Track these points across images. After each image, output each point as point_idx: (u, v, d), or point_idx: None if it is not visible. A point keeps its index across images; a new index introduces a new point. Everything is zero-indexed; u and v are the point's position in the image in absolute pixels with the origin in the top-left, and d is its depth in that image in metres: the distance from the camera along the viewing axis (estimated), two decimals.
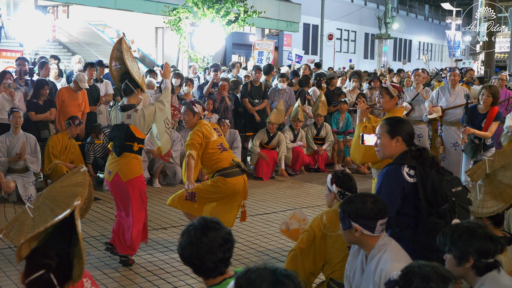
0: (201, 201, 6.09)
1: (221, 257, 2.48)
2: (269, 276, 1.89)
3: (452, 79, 9.17)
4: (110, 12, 24.85)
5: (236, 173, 6.07)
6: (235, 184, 6.05)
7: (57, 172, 8.43)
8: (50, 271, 2.42)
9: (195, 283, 5.27)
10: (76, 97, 9.33)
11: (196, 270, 2.53)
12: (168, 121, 5.88)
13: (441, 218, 3.40)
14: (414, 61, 51.09)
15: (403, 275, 2.43)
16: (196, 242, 2.46)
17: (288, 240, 6.57)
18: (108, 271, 5.58)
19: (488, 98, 7.39)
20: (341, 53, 41.16)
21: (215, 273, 2.51)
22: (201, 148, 5.99)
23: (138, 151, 5.70)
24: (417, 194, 3.47)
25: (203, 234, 2.47)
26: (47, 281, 2.42)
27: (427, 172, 3.49)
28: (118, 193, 5.70)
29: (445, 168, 3.67)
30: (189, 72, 13.19)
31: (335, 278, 4.01)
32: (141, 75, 5.82)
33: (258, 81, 10.95)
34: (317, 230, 4.03)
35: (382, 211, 3.13)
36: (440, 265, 2.47)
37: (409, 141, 3.73)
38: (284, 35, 33.25)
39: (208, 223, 2.50)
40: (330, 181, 4.18)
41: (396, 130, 3.72)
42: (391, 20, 42.19)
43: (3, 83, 8.55)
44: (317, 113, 10.90)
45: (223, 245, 2.48)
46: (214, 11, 17.64)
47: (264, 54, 17.48)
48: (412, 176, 3.53)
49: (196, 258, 2.47)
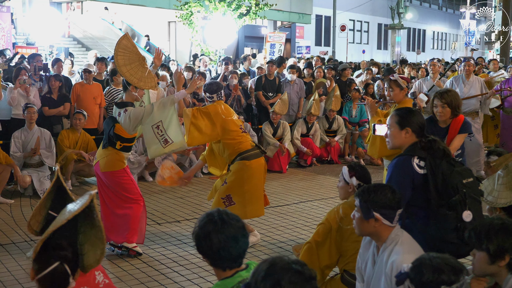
0: (238, 199, 5.91)
1: (244, 248, 2.50)
2: (285, 265, 1.92)
3: (466, 69, 9.09)
4: (123, 7, 24.97)
5: (258, 155, 5.99)
6: (259, 165, 5.95)
7: (68, 161, 8.58)
8: (65, 262, 2.43)
9: (208, 276, 5.30)
10: (90, 91, 9.44)
11: (215, 261, 2.52)
12: (160, 130, 5.65)
13: (451, 210, 3.39)
14: (428, 51, 50.71)
15: (414, 267, 2.42)
16: (222, 231, 2.45)
17: (302, 232, 6.61)
18: (121, 263, 5.63)
19: (444, 109, 5.34)
20: (354, 44, 40.96)
21: (235, 264, 2.52)
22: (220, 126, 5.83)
23: (123, 148, 5.77)
24: (427, 186, 3.46)
25: (228, 224, 2.47)
26: (62, 272, 2.41)
27: (437, 164, 3.48)
28: (98, 179, 5.93)
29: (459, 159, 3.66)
30: (200, 66, 13.23)
31: (349, 269, 4.02)
32: (147, 73, 5.74)
33: (272, 74, 10.94)
34: (333, 223, 4.02)
35: (400, 201, 3.13)
36: (451, 256, 2.45)
37: (419, 132, 3.72)
38: (296, 27, 33.16)
39: (228, 214, 2.51)
40: (348, 173, 4.14)
41: (406, 121, 3.72)
42: (404, 10, 41.90)
43: (18, 79, 8.64)
44: (330, 108, 10.84)
45: (245, 235, 2.51)
46: (225, 5, 17.65)
47: (276, 46, 17.46)
48: (422, 168, 3.52)
49: (220, 248, 2.45)
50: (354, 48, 39.23)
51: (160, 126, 5.65)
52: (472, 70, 9.21)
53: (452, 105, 5.35)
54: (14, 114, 8.80)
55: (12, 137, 8.27)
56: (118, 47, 5.65)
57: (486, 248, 2.75)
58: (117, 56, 5.63)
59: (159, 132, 5.65)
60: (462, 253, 3.49)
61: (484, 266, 2.78)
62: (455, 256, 2.77)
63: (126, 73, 5.65)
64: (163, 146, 5.68)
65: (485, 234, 2.76)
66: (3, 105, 8.79)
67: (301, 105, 11.15)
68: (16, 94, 8.62)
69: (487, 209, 3.83)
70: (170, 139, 5.66)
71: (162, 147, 5.70)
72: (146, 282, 5.20)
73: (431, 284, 2.33)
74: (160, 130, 5.65)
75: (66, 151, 8.58)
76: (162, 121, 5.65)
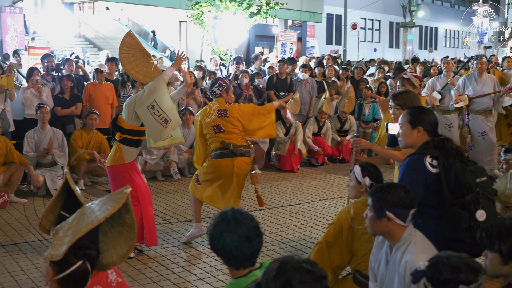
0: (203, 184, 6.16)
1: (257, 247, 2.50)
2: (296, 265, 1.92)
3: (479, 68, 9.03)
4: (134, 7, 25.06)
5: (224, 155, 5.99)
6: (220, 165, 5.99)
7: (80, 161, 8.64)
8: (88, 261, 2.42)
9: (221, 275, 5.31)
10: (102, 91, 9.49)
11: (228, 260, 2.52)
12: (157, 110, 5.53)
13: (464, 209, 3.37)
14: (441, 49, 50.43)
15: (431, 265, 2.38)
16: (235, 231, 2.46)
17: (313, 232, 6.60)
18: (133, 263, 5.65)
19: (398, 111, 4.84)
20: (365, 43, 40.83)
21: (248, 264, 2.52)
22: (197, 128, 6.18)
23: (123, 140, 5.72)
24: (440, 185, 3.44)
25: (241, 224, 2.47)
26: (84, 271, 2.41)
27: (450, 162, 3.46)
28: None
29: (473, 158, 3.64)
30: (211, 65, 13.25)
31: (361, 269, 4.00)
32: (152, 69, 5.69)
33: (284, 73, 10.93)
34: (344, 223, 4.01)
35: (413, 200, 3.11)
36: (468, 256, 2.43)
37: (432, 131, 3.69)
38: (307, 26, 33.10)
39: (242, 213, 2.52)
40: (361, 173, 4.13)
41: (418, 120, 3.69)
42: (416, 8, 41.65)
43: (31, 79, 8.71)
44: (343, 110, 10.79)
45: (259, 235, 2.51)
46: (236, 4, 17.66)
47: (287, 45, 17.44)
48: (435, 167, 3.50)
49: (233, 247, 2.45)
50: (365, 47, 39.09)
51: (155, 106, 5.51)
52: (484, 68, 9.15)
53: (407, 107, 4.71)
54: (27, 114, 8.88)
55: (25, 137, 8.33)
56: (122, 45, 5.64)
57: (498, 249, 2.72)
58: (121, 54, 5.63)
59: (156, 112, 5.51)
60: (476, 253, 3.46)
61: (497, 267, 2.75)
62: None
63: (131, 70, 5.65)
64: (164, 126, 5.56)
65: (497, 235, 2.73)
66: (16, 105, 8.87)
67: (312, 104, 11.13)
68: (29, 94, 8.69)
69: (500, 208, 3.81)
70: (168, 117, 5.54)
71: (164, 127, 5.57)
72: (159, 281, 5.21)
73: (449, 283, 2.30)
74: (157, 110, 5.50)
75: (78, 151, 8.63)
76: (155, 100, 5.51)
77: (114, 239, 2.59)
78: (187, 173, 9.77)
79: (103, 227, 2.57)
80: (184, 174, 9.72)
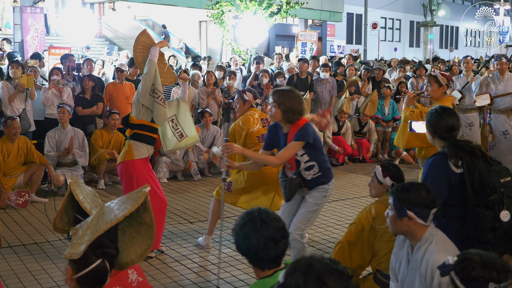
0: (237, 192, 6.04)
1: (283, 248, 2.48)
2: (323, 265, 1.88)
3: (499, 68, 8.94)
4: (155, 7, 25.19)
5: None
6: (265, 173, 5.83)
7: (100, 160, 8.69)
8: (108, 259, 2.42)
9: (241, 275, 5.30)
10: (123, 90, 9.53)
11: (254, 261, 2.51)
12: (175, 124, 5.67)
13: (488, 209, 3.33)
14: (462, 48, 49.90)
15: (461, 260, 2.35)
16: (261, 232, 2.44)
17: (334, 231, 6.56)
18: (154, 262, 5.67)
19: (275, 110, 4.42)
20: (385, 42, 40.59)
21: (274, 264, 2.50)
22: (240, 138, 5.98)
23: (133, 136, 5.63)
24: (464, 185, 3.41)
25: (268, 225, 2.46)
26: (104, 270, 2.40)
27: (475, 162, 3.42)
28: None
29: (494, 157, 3.59)
30: (231, 65, 13.26)
31: (382, 269, 3.97)
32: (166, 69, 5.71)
33: (304, 72, 10.90)
34: (365, 223, 3.98)
35: (435, 200, 3.09)
36: (497, 255, 2.40)
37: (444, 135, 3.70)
38: (328, 25, 33.02)
39: (268, 214, 2.50)
40: (382, 174, 4.09)
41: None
42: (437, 7, 41.33)
43: (52, 79, 8.79)
44: (363, 113, 10.74)
45: (285, 236, 2.49)
46: (256, 3, 17.67)
47: (307, 45, 17.40)
48: (459, 167, 3.46)
49: (259, 249, 2.44)
50: (386, 46, 38.86)
51: (174, 120, 5.76)
52: (505, 68, 9.05)
53: (284, 106, 4.37)
54: (48, 114, 8.96)
55: (46, 136, 8.40)
56: (136, 44, 5.60)
57: None
58: (136, 53, 5.62)
59: (174, 126, 5.77)
60: (499, 254, 3.41)
61: None
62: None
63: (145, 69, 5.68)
64: (179, 140, 5.89)
65: None
66: (37, 105, 8.94)
67: (332, 104, 11.09)
68: (49, 94, 8.77)
69: None
70: (185, 133, 5.89)
71: (178, 141, 5.90)
72: (179, 280, 5.22)
73: (479, 280, 2.28)
74: (175, 124, 5.77)
75: (99, 151, 8.68)
76: (176, 115, 5.78)
77: (132, 238, 2.59)
78: (207, 173, 9.78)
79: (122, 226, 2.57)
80: (205, 174, 9.73)
